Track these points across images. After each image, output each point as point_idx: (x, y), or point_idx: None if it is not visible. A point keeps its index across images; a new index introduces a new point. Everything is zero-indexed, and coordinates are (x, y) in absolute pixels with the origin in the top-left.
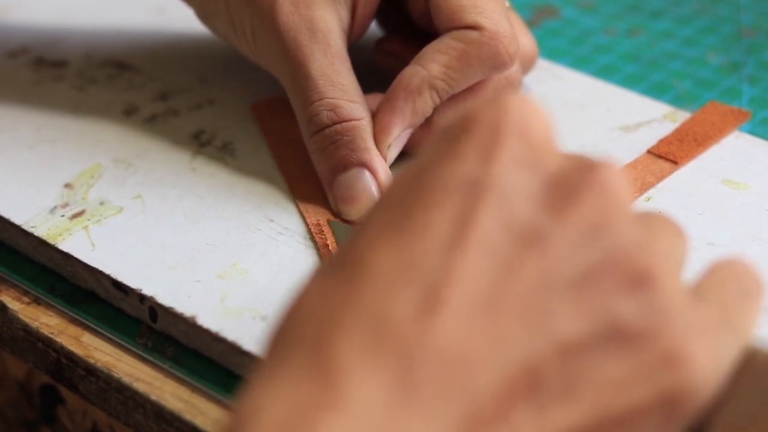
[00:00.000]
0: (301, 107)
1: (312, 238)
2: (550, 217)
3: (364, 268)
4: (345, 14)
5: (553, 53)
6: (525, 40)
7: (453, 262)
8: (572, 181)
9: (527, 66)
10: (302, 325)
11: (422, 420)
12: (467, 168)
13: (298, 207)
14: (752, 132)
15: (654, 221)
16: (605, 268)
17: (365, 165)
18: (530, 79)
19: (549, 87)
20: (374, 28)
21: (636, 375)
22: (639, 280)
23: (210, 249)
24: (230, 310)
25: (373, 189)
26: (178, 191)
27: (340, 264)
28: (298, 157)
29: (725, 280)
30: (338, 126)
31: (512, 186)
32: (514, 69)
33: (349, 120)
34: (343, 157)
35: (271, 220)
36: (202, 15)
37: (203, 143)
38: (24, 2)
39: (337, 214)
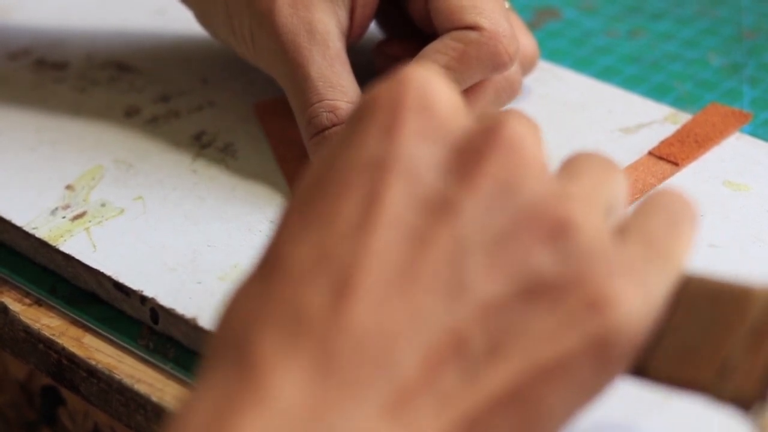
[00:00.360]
0: (300, 109)
1: None
2: (458, 184)
3: (279, 263)
4: (344, 16)
5: (553, 54)
6: (525, 40)
7: (362, 243)
8: (477, 144)
9: (528, 67)
10: (228, 326)
11: (346, 404)
12: (370, 147)
13: None
14: (753, 133)
15: (577, 162)
16: (519, 226)
17: None
18: (531, 80)
19: (550, 88)
20: (374, 30)
21: (561, 324)
22: (555, 230)
23: (211, 250)
24: None
25: None
26: (179, 192)
27: (260, 262)
28: (299, 158)
29: (651, 212)
30: (338, 128)
31: (416, 158)
32: (514, 70)
33: None
34: None
35: (272, 222)
36: (202, 18)
37: (204, 145)
38: (25, 3)
39: None
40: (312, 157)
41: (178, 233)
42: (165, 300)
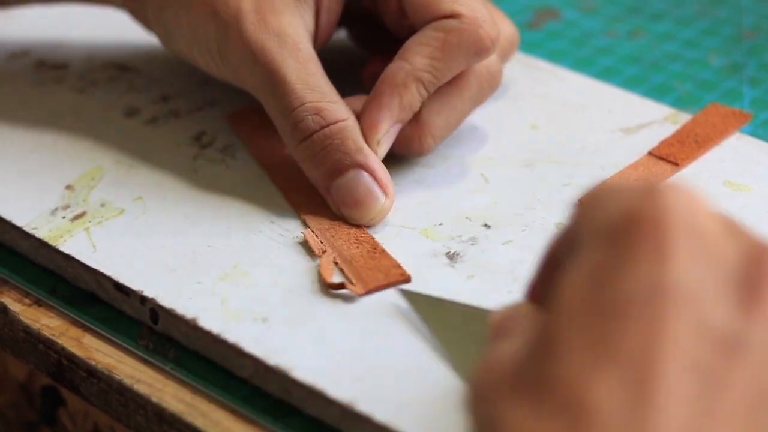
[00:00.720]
0: (281, 115)
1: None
2: (743, 318)
3: (583, 406)
4: (309, 20)
5: (554, 55)
6: (504, 26)
7: (656, 384)
8: (755, 273)
9: (508, 52)
10: None
11: None
12: (643, 273)
13: (305, 223)
14: (753, 134)
15: None
16: None
17: (361, 166)
18: (531, 80)
19: (550, 88)
20: (341, 37)
21: None
22: None
23: (211, 251)
24: (231, 311)
25: (375, 189)
26: (178, 193)
27: (545, 393)
28: (286, 166)
29: None
30: (326, 130)
31: (696, 285)
32: (494, 60)
33: (336, 122)
34: (337, 161)
35: (272, 222)
36: (165, 39)
37: (204, 145)
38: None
39: (343, 219)
40: (303, 164)
41: (177, 233)
42: (165, 300)
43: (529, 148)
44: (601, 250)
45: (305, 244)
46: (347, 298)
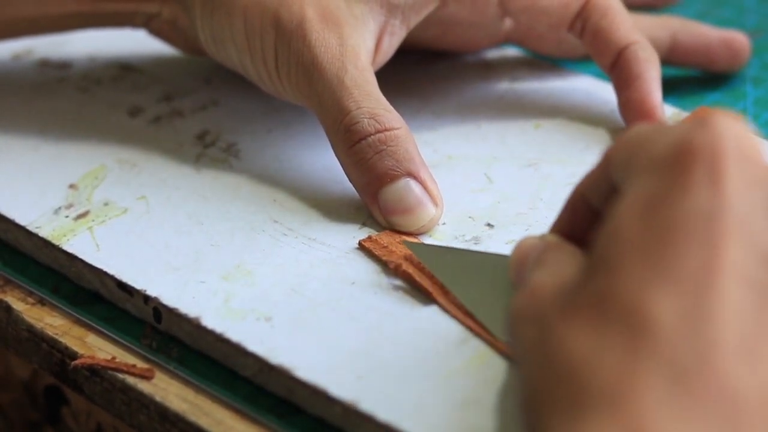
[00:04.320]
0: (335, 118)
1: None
2: None
3: (643, 319)
4: (370, 41)
5: None
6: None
7: (715, 299)
8: None
9: None
10: (588, 384)
11: None
12: (700, 199)
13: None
14: (755, 134)
15: None
16: None
17: (413, 175)
18: (535, 80)
19: (552, 87)
20: None
21: None
22: None
23: (214, 250)
24: (234, 311)
25: (425, 200)
26: (182, 192)
27: (606, 312)
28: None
29: None
30: (381, 135)
31: (747, 209)
32: None
33: (391, 129)
34: (389, 168)
35: (276, 221)
36: (213, 48)
37: (207, 144)
38: None
39: (386, 227)
40: (351, 168)
41: (181, 233)
42: (168, 299)
43: (532, 148)
44: (657, 179)
45: (313, 240)
46: (349, 298)
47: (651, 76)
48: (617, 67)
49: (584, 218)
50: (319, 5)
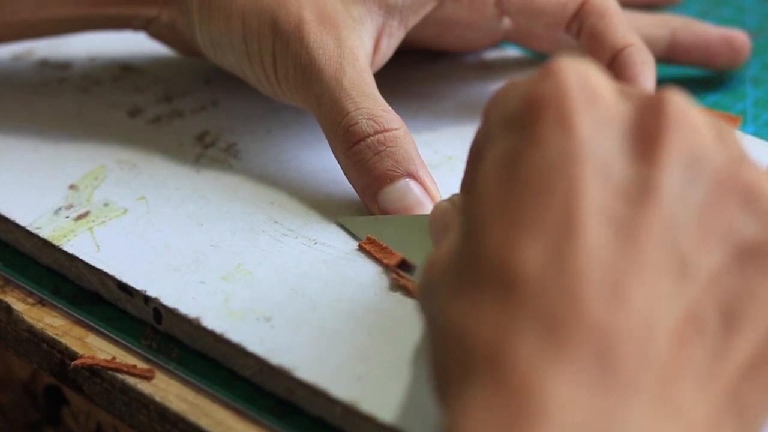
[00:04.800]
0: (333, 120)
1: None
2: (647, 166)
3: (511, 274)
4: (369, 43)
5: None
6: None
7: (577, 241)
8: (649, 124)
9: None
10: (470, 345)
11: (625, 404)
12: (552, 145)
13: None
14: (756, 134)
15: (721, 130)
16: (716, 194)
17: (412, 175)
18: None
19: None
20: None
21: None
22: (747, 194)
23: (214, 250)
24: (234, 311)
25: (425, 200)
26: (182, 192)
27: (478, 276)
28: None
29: None
30: (380, 135)
31: (600, 148)
32: None
33: (390, 129)
34: (388, 169)
35: (276, 222)
36: (211, 51)
37: (207, 145)
38: None
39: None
40: (351, 169)
41: (181, 233)
42: (168, 300)
43: None
44: (510, 135)
45: (312, 240)
46: (349, 299)
47: (646, 78)
48: (612, 70)
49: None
50: (316, 7)
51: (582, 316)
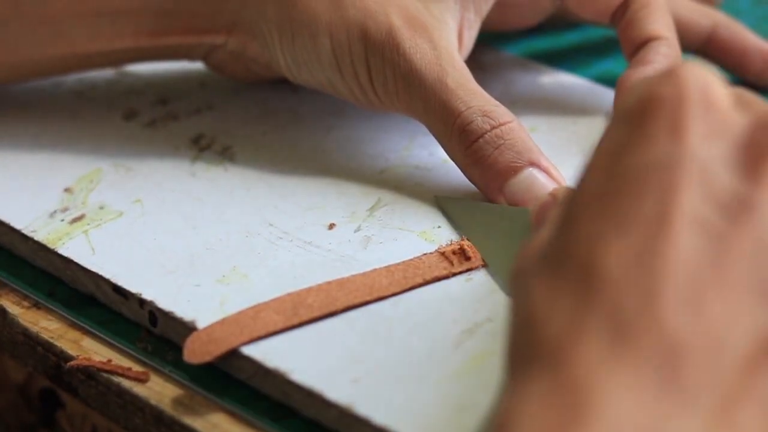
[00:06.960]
0: (446, 122)
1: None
2: (750, 182)
3: (592, 270)
4: (455, 40)
5: (552, 58)
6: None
7: (666, 246)
8: (762, 142)
9: None
10: (538, 338)
11: (681, 415)
12: (659, 148)
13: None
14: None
15: None
16: None
17: (535, 164)
18: (531, 84)
19: (548, 91)
20: None
21: None
22: None
23: (209, 253)
24: (230, 314)
25: (551, 185)
26: (177, 195)
27: (562, 267)
28: None
29: None
30: (497, 130)
31: (707, 158)
32: None
33: (505, 123)
34: (510, 161)
35: (271, 225)
36: (294, 71)
37: (203, 148)
38: None
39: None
40: (471, 168)
41: (176, 236)
42: (163, 303)
43: None
44: (622, 129)
45: (308, 243)
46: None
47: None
48: (636, 56)
49: None
50: (402, 12)
51: (654, 320)
